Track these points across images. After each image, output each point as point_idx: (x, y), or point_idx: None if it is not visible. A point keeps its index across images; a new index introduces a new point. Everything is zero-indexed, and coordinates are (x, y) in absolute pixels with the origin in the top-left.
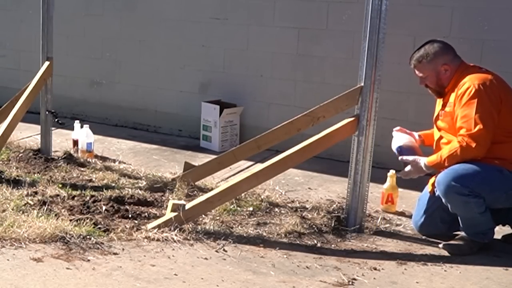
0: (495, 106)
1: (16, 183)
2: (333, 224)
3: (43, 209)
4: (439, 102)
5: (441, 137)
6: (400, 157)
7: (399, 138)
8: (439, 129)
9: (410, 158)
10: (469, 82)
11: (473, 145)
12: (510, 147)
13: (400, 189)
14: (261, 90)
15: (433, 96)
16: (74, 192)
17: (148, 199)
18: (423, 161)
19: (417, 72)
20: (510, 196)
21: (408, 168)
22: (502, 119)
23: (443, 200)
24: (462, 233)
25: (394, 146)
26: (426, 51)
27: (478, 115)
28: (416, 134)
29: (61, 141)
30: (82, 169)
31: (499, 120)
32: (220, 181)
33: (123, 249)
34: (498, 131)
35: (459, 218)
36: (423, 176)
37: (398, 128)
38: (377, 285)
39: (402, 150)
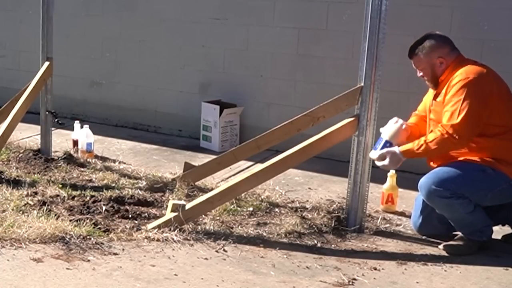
0: (483, 101)
1: (16, 183)
2: (333, 224)
3: (43, 210)
4: (430, 94)
5: (431, 131)
6: (375, 153)
7: (391, 131)
8: (430, 123)
9: (384, 151)
10: (462, 75)
11: (454, 135)
12: (498, 144)
13: (400, 189)
14: (261, 90)
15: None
16: (74, 193)
17: (148, 199)
18: (398, 149)
19: (413, 63)
20: (497, 194)
21: (386, 160)
22: (493, 114)
23: (428, 203)
24: (461, 233)
25: (384, 134)
26: (423, 44)
27: (464, 107)
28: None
29: (61, 141)
30: (82, 169)
31: (489, 114)
32: (220, 181)
33: (123, 249)
34: (489, 125)
35: (449, 220)
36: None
37: (396, 120)
38: (377, 285)
39: (386, 145)
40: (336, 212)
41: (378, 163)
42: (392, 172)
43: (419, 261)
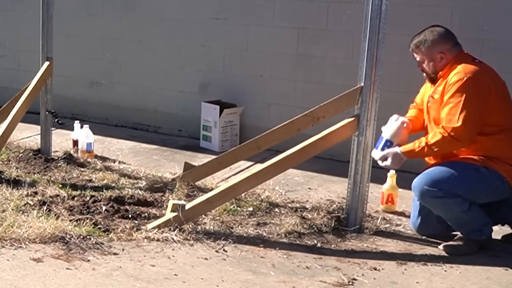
0: (482, 101)
1: (16, 183)
2: (333, 224)
3: (43, 209)
4: (427, 87)
5: (426, 132)
6: (377, 153)
7: (392, 130)
8: (429, 119)
9: (385, 152)
10: (459, 74)
11: (455, 137)
12: (492, 142)
13: (400, 189)
14: (261, 90)
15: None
16: (74, 192)
17: (148, 199)
18: (399, 150)
19: (414, 55)
20: (490, 192)
21: (388, 161)
22: (488, 112)
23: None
24: (460, 233)
25: (385, 133)
26: (426, 37)
27: (463, 108)
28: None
29: (61, 141)
30: (82, 169)
31: (486, 114)
32: (220, 181)
33: (123, 249)
34: (485, 124)
35: (446, 220)
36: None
37: (397, 118)
38: (377, 285)
39: (387, 144)
40: (336, 212)
41: (381, 163)
42: (392, 172)
43: (419, 261)
